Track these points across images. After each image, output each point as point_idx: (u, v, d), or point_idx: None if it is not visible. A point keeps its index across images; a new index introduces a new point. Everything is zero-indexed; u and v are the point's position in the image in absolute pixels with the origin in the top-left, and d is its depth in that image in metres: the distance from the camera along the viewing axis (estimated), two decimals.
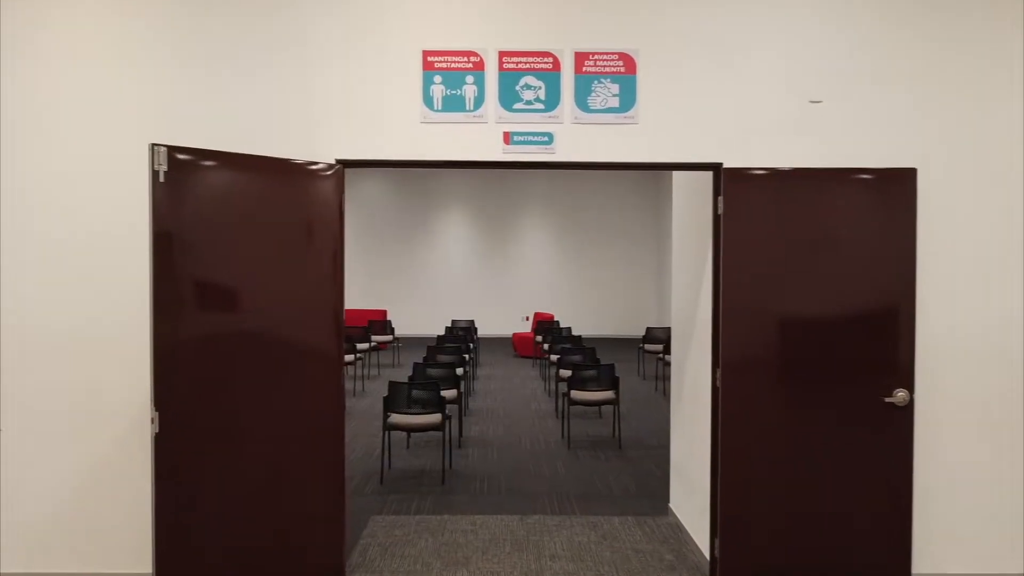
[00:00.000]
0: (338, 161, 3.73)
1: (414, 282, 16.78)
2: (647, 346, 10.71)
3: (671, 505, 5.00)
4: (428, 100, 3.75)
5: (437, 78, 3.75)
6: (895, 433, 3.68)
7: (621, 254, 16.93)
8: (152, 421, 3.08)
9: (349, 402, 8.71)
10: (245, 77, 3.68)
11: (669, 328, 11.65)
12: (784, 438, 3.69)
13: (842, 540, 3.69)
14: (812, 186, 3.69)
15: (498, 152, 3.77)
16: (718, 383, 3.78)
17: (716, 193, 3.83)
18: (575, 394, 6.84)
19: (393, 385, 5.74)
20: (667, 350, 9.49)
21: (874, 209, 3.68)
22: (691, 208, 4.58)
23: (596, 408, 8.01)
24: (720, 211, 3.76)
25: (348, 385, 9.49)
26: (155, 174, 3.08)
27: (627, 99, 3.77)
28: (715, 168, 3.82)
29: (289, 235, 3.57)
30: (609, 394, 6.85)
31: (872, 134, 3.77)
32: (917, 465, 3.69)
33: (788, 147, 3.77)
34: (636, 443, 7.01)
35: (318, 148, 3.72)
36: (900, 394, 3.65)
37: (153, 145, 3.07)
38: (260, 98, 3.70)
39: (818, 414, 3.69)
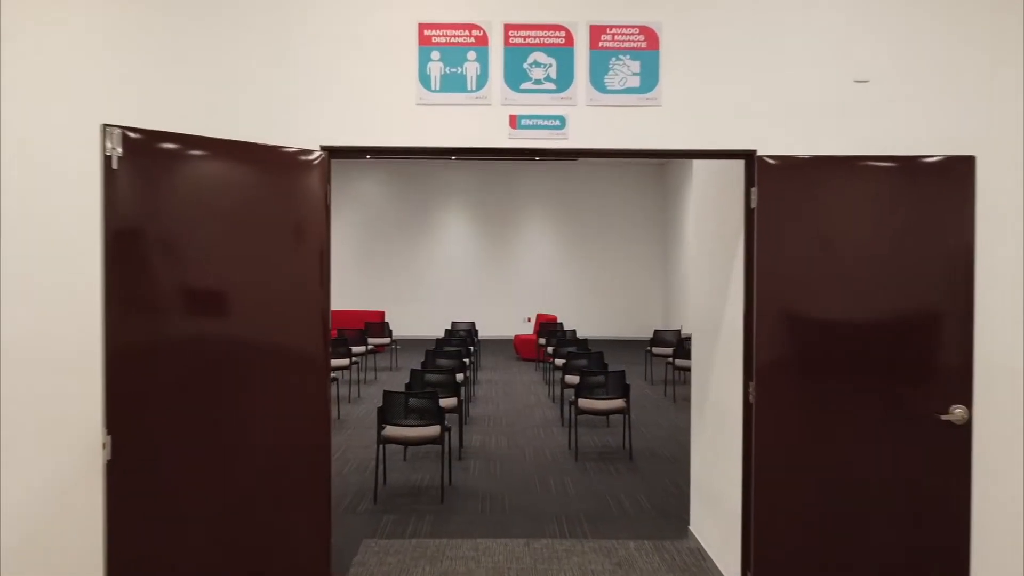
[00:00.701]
0: (323, 148, 3.31)
1: (412, 282, 16.36)
2: (655, 349, 10.28)
3: (692, 528, 4.57)
4: (425, 79, 3.33)
5: (435, 54, 3.33)
6: (952, 455, 3.26)
7: (625, 252, 16.49)
8: (104, 446, 2.66)
9: (343, 409, 8.28)
10: (217, 53, 3.25)
11: (679, 331, 11.28)
12: (828, 460, 3.26)
13: (894, 574, 3.27)
14: (857, 176, 3.27)
15: (503, 138, 3.35)
16: (751, 398, 3.36)
17: (749, 184, 3.41)
18: (583, 402, 6.41)
19: (388, 395, 5.32)
20: (678, 354, 9.08)
21: (928, 202, 3.26)
22: (715, 201, 4.16)
23: (603, 416, 7.57)
24: (753, 204, 3.34)
25: (343, 391, 9.07)
26: (107, 159, 2.67)
27: (649, 78, 3.35)
28: (748, 156, 3.40)
29: (267, 230, 3.15)
30: (619, 403, 6.43)
31: (926, 118, 3.35)
32: (976, 491, 3.27)
33: (830, 133, 3.35)
34: (648, 454, 6.58)
35: (300, 133, 3.30)
36: (958, 411, 3.24)
37: (105, 126, 2.66)
38: (234, 77, 3.28)
39: (865, 433, 3.26)
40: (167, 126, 2.92)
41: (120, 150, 2.68)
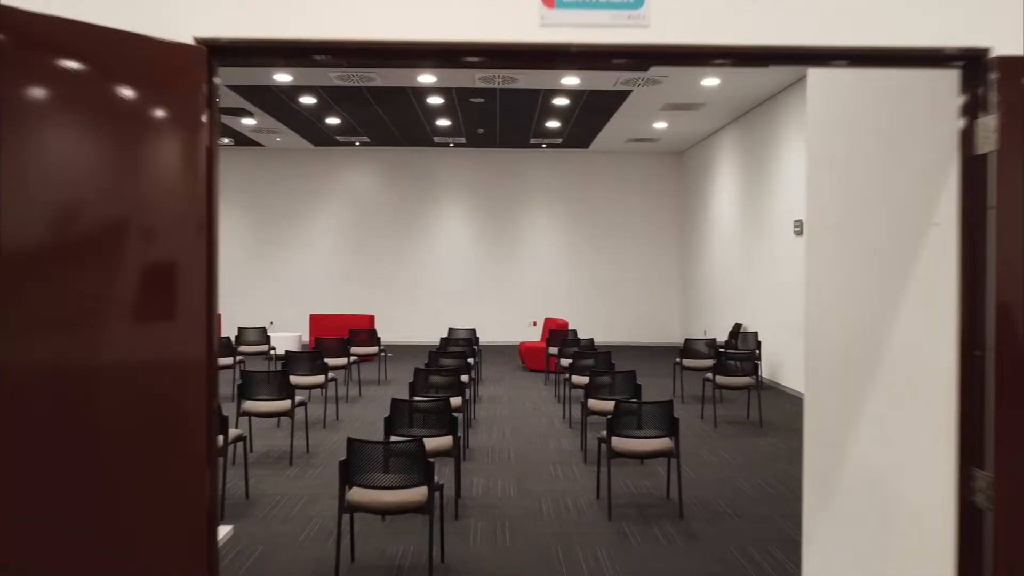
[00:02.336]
0: (200, 42, 1.81)
1: (406, 282, 14.83)
2: (687, 362, 8.76)
3: None
4: None
5: None
6: None
7: (639, 248, 14.95)
8: None
9: (313, 439, 6.75)
10: None
11: (713, 339, 9.69)
12: None
13: None
14: None
15: (531, 25, 1.85)
16: (980, 497, 1.85)
17: (973, 109, 1.90)
18: (617, 443, 4.90)
19: (354, 444, 3.80)
20: (718, 370, 7.58)
21: None
22: (860, 141, 2.64)
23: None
24: (986, 147, 1.83)
25: (316, 413, 7.53)
26: None
27: None
28: (973, 60, 1.89)
29: (89, 176, 1.66)
30: (664, 443, 4.91)
31: None
32: None
33: None
34: (701, 508, 5.07)
35: (163, 18, 1.80)
36: None
37: None
38: None
39: None
40: None
41: None
